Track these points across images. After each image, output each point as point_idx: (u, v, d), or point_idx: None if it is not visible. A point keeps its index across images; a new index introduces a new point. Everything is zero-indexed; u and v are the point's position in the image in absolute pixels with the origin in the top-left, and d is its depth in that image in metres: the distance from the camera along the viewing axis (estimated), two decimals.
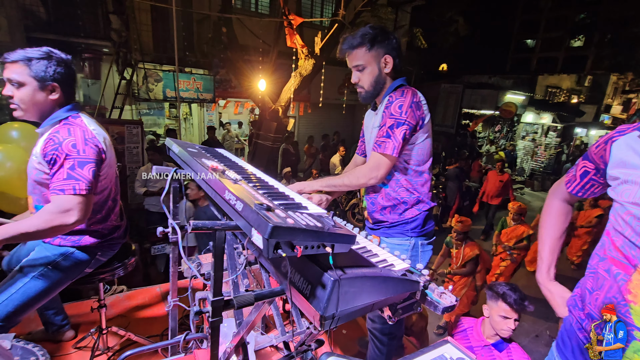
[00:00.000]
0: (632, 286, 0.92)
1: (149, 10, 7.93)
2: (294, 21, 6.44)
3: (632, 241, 0.93)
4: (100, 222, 1.64)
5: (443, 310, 1.00)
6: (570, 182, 1.21)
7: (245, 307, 1.01)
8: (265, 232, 0.70)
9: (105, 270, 1.76)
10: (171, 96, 7.79)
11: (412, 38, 7.95)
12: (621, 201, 0.96)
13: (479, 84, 13.11)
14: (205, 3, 8.51)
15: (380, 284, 0.93)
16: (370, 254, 1.12)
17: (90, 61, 7.12)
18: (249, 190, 1.02)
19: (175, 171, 1.40)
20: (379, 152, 1.50)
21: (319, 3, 10.62)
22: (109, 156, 1.57)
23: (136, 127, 5.75)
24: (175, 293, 1.59)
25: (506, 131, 13.88)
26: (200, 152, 1.49)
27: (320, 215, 0.95)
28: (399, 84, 1.58)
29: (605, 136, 1.09)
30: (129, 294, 2.66)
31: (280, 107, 7.13)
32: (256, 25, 7.93)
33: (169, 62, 7.86)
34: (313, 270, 0.86)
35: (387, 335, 1.78)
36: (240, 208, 0.83)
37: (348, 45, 1.54)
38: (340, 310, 0.83)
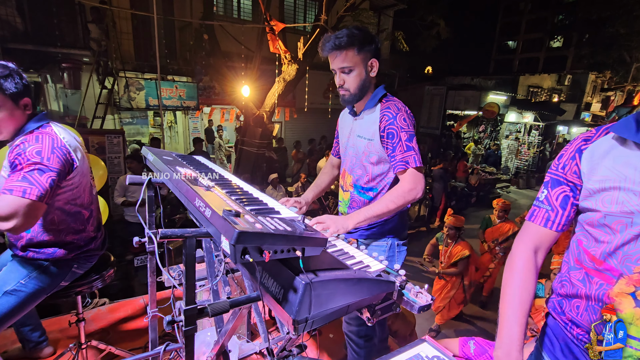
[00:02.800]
0: (614, 294, 0.91)
1: (129, 18, 7.86)
2: (275, 27, 6.45)
3: (615, 251, 0.90)
4: (76, 233, 1.59)
5: (419, 309, 1.00)
6: (548, 220, 1.03)
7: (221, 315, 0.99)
8: (232, 237, 0.70)
9: (83, 282, 1.71)
10: (154, 104, 7.70)
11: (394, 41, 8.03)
12: (605, 211, 0.90)
13: (462, 86, 13.35)
14: (187, 10, 8.47)
15: (354, 285, 0.93)
16: (346, 257, 1.12)
17: (69, 71, 6.98)
18: (222, 197, 1.00)
19: (149, 180, 1.37)
20: (411, 168, 1.46)
21: (302, 8, 10.68)
22: (81, 165, 1.53)
23: (117, 137, 5.64)
24: (154, 304, 1.56)
25: (490, 131, 14.13)
26: (176, 160, 1.47)
27: (293, 219, 0.95)
28: (382, 93, 1.57)
29: (567, 152, 1.01)
30: (111, 306, 2.60)
31: (265, 112, 7.12)
32: (238, 31, 7.92)
33: (151, 70, 7.78)
34: (285, 274, 0.85)
35: (363, 338, 1.76)
36: (209, 215, 0.83)
37: (334, 45, 1.46)
38: (314, 313, 0.83)
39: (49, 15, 6.86)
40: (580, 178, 0.97)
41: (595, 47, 18.02)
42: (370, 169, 1.61)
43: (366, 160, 1.61)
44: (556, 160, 1.05)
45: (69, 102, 7.45)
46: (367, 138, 1.57)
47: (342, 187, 1.79)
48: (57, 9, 6.99)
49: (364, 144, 1.59)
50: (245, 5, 9.61)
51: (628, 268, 0.89)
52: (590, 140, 0.97)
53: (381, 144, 1.53)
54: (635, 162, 0.88)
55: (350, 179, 1.71)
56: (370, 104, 1.57)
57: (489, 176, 10.36)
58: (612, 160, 0.91)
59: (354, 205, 1.71)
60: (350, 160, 1.70)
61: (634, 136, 0.88)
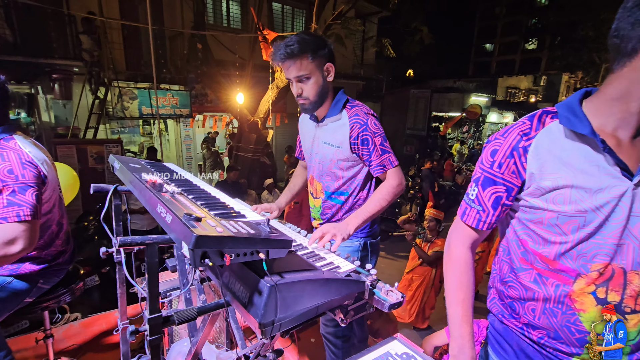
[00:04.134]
0: (575, 295, 0.89)
1: (119, 28, 7.91)
2: (268, 36, 6.64)
3: (569, 250, 0.88)
4: (43, 248, 1.53)
5: (389, 307, 1.01)
6: (480, 221, 1.00)
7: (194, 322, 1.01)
8: (190, 242, 0.69)
9: (49, 297, 1.63)
10: (147, 113, 7.75)
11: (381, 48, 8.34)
12: (558, 211, 0.87)
13: (445, 88, 13.87)
14: (177, 20, 8.57)
15: (322, 286, 0.93)
16: (316, 258, 1.12)
17: (60, 82, 6.97)
18: (186, 202, 0.99)
19: (115, 188, 1.34)
20: (391, 168, 1.52)
21: (290, 16, 10.91)
22: (51, 178, 1.48)
23: (115, 146, 5.71)
24: (124, 316, 1.48)
25: (473, 131, 14.68)
26: (144, 167, 1.43)
27: (257, 222, 0.95)
28: (345, 98, 1.56)
29: (501, 148, 0.93)
30: (84, 321, 2.46)
31: (259, 119, 7.29)
32: (229, 40, 8.08)
33: (144, 79, 7.84)
34: (251, 277, 0.85)
35: (341, 339, 1.76)
36: (169, 220, 0.81)
37: (286, 53, 1.38)
38: (280, 315, 0.83)
39: (38, 27, 6.86)
40: (520, 178, 0.92)
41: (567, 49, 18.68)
42: (340, 174, 1.60)
43: (335, 166, 1.59)
44: (488, 156, 0.96)
45: (60, 112, 7.43)
46: (335, 145, 1.55)
47: (312, 194, 1.77)
48: (47, 20, 7.00)
49: (332, 151, 1.56)
50: (234, 13, 9.78)
51: (585, 267, 0.86)
52: (531, 136, 0.90)
53: (352, 150, 1.53)
54: (581, 156, 0.85)
55: (319, 185, 1.69)
56: (333, 110, 1.54)
57: None
58: (559, 155, 0.86)
59: (327, 211, 1.70)
60: (318, 167, 1.67)
61: (581, 129, 0.83)
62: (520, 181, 0.92)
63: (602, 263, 0.85)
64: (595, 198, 0.83)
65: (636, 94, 0.78)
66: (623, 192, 0.82)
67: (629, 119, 0.81)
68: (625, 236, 0.83)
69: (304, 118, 1.75)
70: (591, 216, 0.84)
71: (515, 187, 0.93)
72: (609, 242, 0.84)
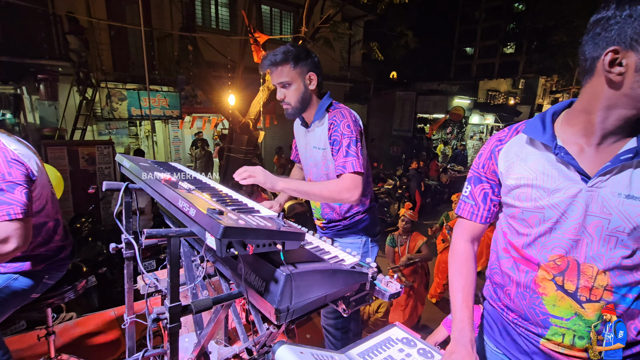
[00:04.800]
0: (539, 280, 0.99)
1: (106, 28, 7.82)
2: (259, 38, 6.74)
3: (533, 242, 0.99)
4: (43, 245, 1.54)
5: (390, 297, 1.07)
6: (473, 213, 1.13)
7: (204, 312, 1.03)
8: (218, 232, 0.73)
9: (54, 294, 1.66)
10: (137, 114, 7.70)
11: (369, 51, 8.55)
12: (522, 207, 0.99)
13: (430, 91, 14.27)
14: (165, 21, 8.54)
15: (331, 276, 0.99)
16: (322, 252, 1.18)
17: (46, 82, 6.86)
18: (204, 198, 1.03)
19: (127, 185, 1.35)
20: (349, 172, 1.50)
21: (278, 19, 11.02)
22: (40, 176, 1.47)
23: (107, 148, 5.69)
24: (131, 310, 1.48)
25: (456, 132, 15.14)
26: (153, 166, 1.46)
27: (271, 217, 1.01)
28: (329, 102, 1.63)
29: (485, 151, 1.09)
30: (79, 320, 2.47)
31: (250, 120, 7.36)
32: (219, 42, 8.11)
33: (133, 80, 7.78)
34: (266, 268, 0.90)
35: (341, 330, 1.84)
36: (194, 214, 0.85)
37: (271, 62, 1.53)
38: (294, 302, 0.88)
39: (23, 26, 6.73)
40: (497, 177, 1.06)
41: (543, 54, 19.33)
42: (332, 176, 1.65)
43: (325, 168, 1.67)
44: (477, 159, 1.12)
45: (45, 113, 7.30)
46: (321, 148, 1.64)
47: None
48: (31, 20, 6.87)
49: (320, 154, 1.65)
50: (223, 15, 9.81)
51: (544, 257, 0.97)
52: (504, 141, 1.05)
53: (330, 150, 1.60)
54: (543, 160, 0.96)
55: None
56: (318, 114, 1.63)
57: (458, 174, 11.14)
58: (524, 158, 0.99)
59: (327, 211, 1.80)
60: (312, 170, 1.76)
61: (540, 137, 0.95)
62: (497, 179, 1.07)
63: (558, 254, 0.96)
64: (552, 197, 0.94)
65: (595, 106, 0.87)
66: (576, 193, 0.91)
67: (591, 129, 0.90)
68: (581, 232, 0.92)
69: (297, 124, 1.83)
70: (549, 212, 0.95)
71: (496, 185, 1.08)
72: (566, 237, 0.94)
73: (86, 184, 5.46)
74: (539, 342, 1.02)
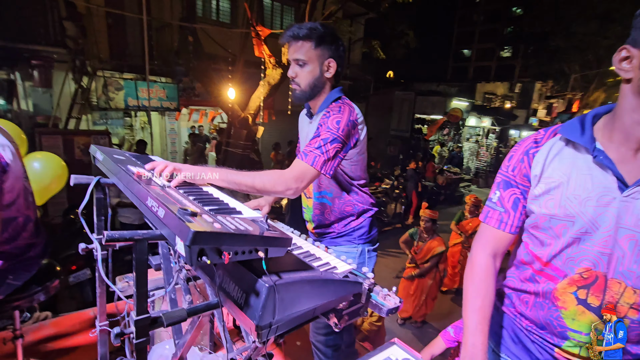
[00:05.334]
0: (559, 294, 0.95)
1: (103, 16, 7.64)
2: (261, 32, 6.65)
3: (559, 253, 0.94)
4: (8, 241, 1.41)
5: (387, 312, 0.99)
6: (502, 222, 1.03)
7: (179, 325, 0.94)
8: (187, 238, 0.65)
9: (22, 296, 1.53)
10: (133, 105, 7.56)
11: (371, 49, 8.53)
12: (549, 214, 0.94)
13: (429, 92, 14.30)
14: (165, 11, 8.38)
15: (320, 287, 0.90)
16: (312, 258, 1.09)
17: (40, 68, 6.68)
18: (178, 196, 0.93)
19: (98, 180, 1.22)
20: (306, 162, 1.29)
21: (278, 13, 10.90)
22: (14, 166, 1.35)
23: (103, 138, 5.58)
24: (103, 316, 1.39)
25: (453, 134, 15.22)
26: (129, 159, 1.35)
27: (255, 219, 0.90)
28: (337, 95, 1.49)
29: (516, 153, 1.02)
30: (54, 320, 2.33)
31: (250, 115, 7.27)
32: (220, 34, 7.99)
33: (130, 70, 7.63)
34: (247, 277, 0.81)
35: (331, 348, 1.69)
36: (162, 215, 0.76)
37: (293, 34, 1.38)
38: (278, 318, 0.79)
39: (18, 10, 6.53)
40: (529, 181, 0.98)
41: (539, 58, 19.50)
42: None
43: None
44: (506, 161, 1.04)
45: (39, 101, 7.11)
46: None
47: (305, 194, 1.70)
48: (27, 3, 6.67)
49: None
50: (223, 7, 9.66)
51: (571, 269, 0.93)
52: (540, 143, 0.98)
53: None
54: (579, 164, 0.91)
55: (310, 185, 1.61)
56: (323, 106, 1.49)
57: (454, 176, 11.21)
58: (559, 161, 0.94)
59: (317, 212, 1.66)
60: None
61: (578, 138, 0.91)
62: (529, 184, 0.99)
63: (586, 268, 0.91)
64: (584, 204, 0.89)
65: (624, 107, 0.85)
66: (609, 202, 0.86)
67: (628, 134, 0.86)
68: (613, 246, 0.88)
69: (302, 115, 1.70)
70: (578, 221, 0.90)
71: (527, 190, 0.99)
72: (595, 249, 0.90)
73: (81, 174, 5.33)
74: (553, 351, 1.00)
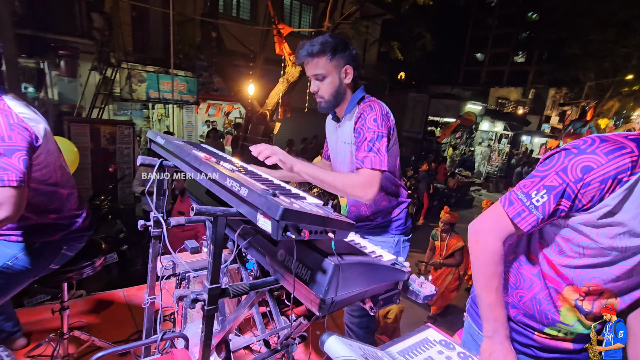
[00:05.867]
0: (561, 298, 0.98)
1: (127, 9, 7.82)
2: (283, 30, 6.76)
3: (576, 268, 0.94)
4: (55, 212, 1.49)
5: (424, 298, 1.05)
6: (529, 225, 0.92)
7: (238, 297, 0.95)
8: (276, 214, 0.71)
9: (73, 268, 1.64)
10: (154, 97, 7.73)
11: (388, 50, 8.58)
12: (597, 241, 0.87)
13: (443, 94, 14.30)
14: (188, 6, 8.53)
15: (374, 271, 0.96)
16: (360, 246, 1.15)
17: (66, 59, 6.87)
18: (248, 179, 0.98)
19: (161, 162, 1.29)
20: (369, 168, 1.39)
21: (297, 11, 11.01)
22: (46, 142, 1.39)
23: (128, 128, 5.73)
24: (152, 290, 1.45)
25: (465, 138, 15.20)
26: (187, 145, 1.41)
27: (318, 204, 0.97)
28: (362, 95, 1.55)
29: (598, 170, 0.82)
30: (89, 298, 2.44)
31: (267, 111, 7.40)
32: (240, 30, 8.12)
33: (153, 63, 7.80)
34: (312, 256, 0.87)
35: (364, 329, 1.80)
36: (245, 194, 0.81)
37: (307, 52, 1.45)
38: (339, 294, 0.85)
39: (47, 2, 6.72)
40: (594, 205, 0.84)
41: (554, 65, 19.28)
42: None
43: (352, 164, 1.59)
44: (577, 171, 0.84)
45: (64, 90, 7.32)
46: (349, 143, 1.57)
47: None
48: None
49: (348, 149, 1.59)
50: (244, 4, 9.80)
51: (580, 282, 0.94)
52: (635, 171, 0.79)
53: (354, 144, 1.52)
54: None
55: None
56: (349, 108, 1.56)
57: (465, 179, 11.23)
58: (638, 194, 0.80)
59: (353, 209, 1.73)
60: (341, 167, 1.69)
61: None
62: (589, 205, 0.85)
63: (596, 284, 0.92)
64: (634, 241, 0.84)
65: None
66: None
67: None
68: (630, 271, 0.88)
69: (329, 119, 1.77)
70: (617, 254, 0.86)
71: (580, 210, 0.87)
72: (614, 273, 0.89)
73: (106, 162, 5.51)
74: (533, 334, 1.06)
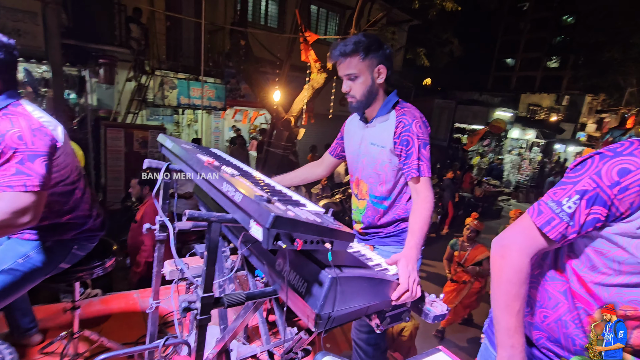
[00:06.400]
0: (593, 319, 0.91)
1: (162, 19, 8.21)
2: (309, 37, 6.87)
3: (610, 286, 0.87)
4: (69, 212, 1.52)
5: (434, 318, 0.99)
6: (560, 234, 0.86)
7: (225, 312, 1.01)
8: (267, 221, 0.68)
9: (84, 268, 1.66)
10: (185, 103, 8.04)
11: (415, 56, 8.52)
12: (635, 255, 0.81)
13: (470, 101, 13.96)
14: (219, 15, 8.85)
15: (377, 286, 0.91)
16: (364, 258, 1.10)
17: (105, 67, 7.30)
18: (248, 185, 0.97)
19: (167, 166, 1.31)
20: (423, 177, 1.45)
21: (324, 19, 11.14)
22: (65, 145, 1.43)
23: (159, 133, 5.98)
24: (157, 295, 1.45)
25: (494, 145, 14.74)
26: (195, 149, 1.43)
27: (318, 213, 0.93)
28: (396, 99, 1.56)
29: (638, 175, 0.77)
30: (103, 298, 2.47)
31: (292, 117, 7.51)
32: (268, 38, 8.33)
33: (184, 70, 8.13)
34: (310, 267, 0.83)
35: (373, 346, 1.72)
36: (239, 199, 0.79)
37: (340, 52, 1.46)
38: (337, 309, 0.80)
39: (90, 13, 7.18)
40: (633, 213, 0.80)
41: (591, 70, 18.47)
42: (384, 177, 1.59)
43: (380, 168, 1.58)
44: (614, 174, 0.80)
45: (102, 96, 7.76)
46: (381, 145, 1.55)
47: (357, 196, 1.75)
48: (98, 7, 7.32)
49: (378, 151, 1.57)
50: (272, 12, 10.04)
51: (616, 305, 0.87)
52: None
53: (394, 150, 1.50)
54: None
55: (365, 187, 1.68)
56: (383, 110, 1.55)
57: (492, 188, 10.88)
58: None
59: (369, 214, 1.69)
60: (365, 168, 1.66)
61: None
62: (628, 213, 0.80)
63: (634, 307, 0.86)
64: None
65: None
66: None
67: None
68: None
69: (352, 119, 1.76)
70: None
71: (620, 217, 0.81)
72: None
73: (138, 165, 5.74)
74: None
